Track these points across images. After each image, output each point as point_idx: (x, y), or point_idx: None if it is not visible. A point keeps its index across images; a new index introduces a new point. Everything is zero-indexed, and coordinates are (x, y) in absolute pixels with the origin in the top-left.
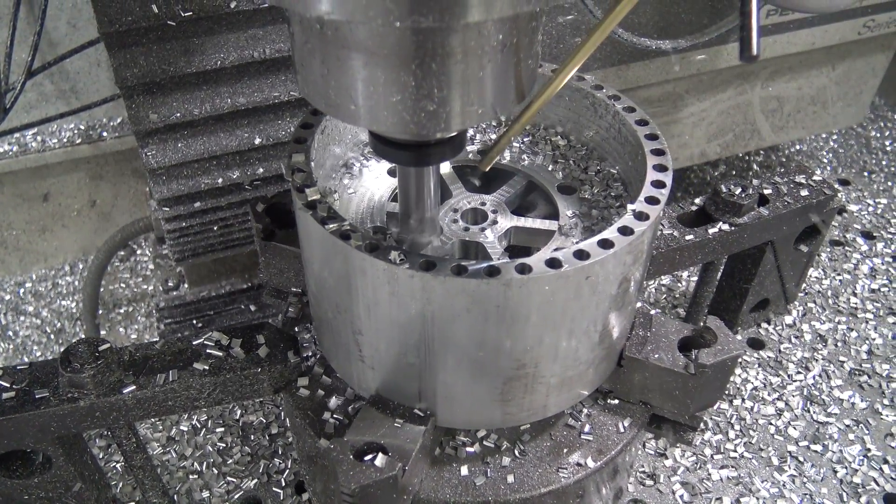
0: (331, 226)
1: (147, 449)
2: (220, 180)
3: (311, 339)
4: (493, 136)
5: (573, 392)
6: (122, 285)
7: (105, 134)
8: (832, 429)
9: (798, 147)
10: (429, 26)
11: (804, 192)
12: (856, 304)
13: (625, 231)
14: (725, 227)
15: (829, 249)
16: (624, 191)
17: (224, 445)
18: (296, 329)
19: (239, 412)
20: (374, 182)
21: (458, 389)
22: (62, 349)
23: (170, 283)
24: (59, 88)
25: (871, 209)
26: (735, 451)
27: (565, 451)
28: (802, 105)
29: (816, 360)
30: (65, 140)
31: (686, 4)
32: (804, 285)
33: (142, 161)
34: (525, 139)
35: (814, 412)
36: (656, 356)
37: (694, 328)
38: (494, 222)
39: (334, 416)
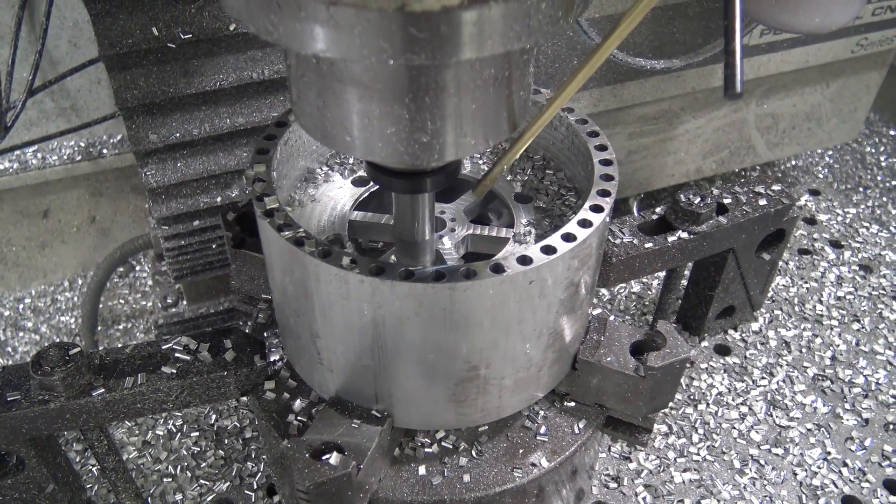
0: (286, 233)
1: (120, 452)
2: (218, 199)
3: (279, 344)
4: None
5: (527, 393)
6: (121, 301)
7: (105, 151)
8: (794, 433)
9: (794, 163)
10: (421, 63)
11: (763, 202)
12: (821, 311)
13: (568, 237)
14: (684, 235)
15: (797, 258)
16: (577, 199)
17: (198, 449)
18: (265, 334)
19: (214, 417)
20: (338, 192)
21: (413, 391)
22: None
23: (168, 300)
24: (59, 106)
25: (839, 219)
26: (698, 454)
27: (521, 451)
28: (797, 122)
29: (781, 366)
30: (65, 157)
31: (680, 24)
32: (771, 293)
33: (141, 179)
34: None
35: (776, 416)
36: (608, 359)
37: (646, 332)
38: (452, 230)
39: (298, 417)
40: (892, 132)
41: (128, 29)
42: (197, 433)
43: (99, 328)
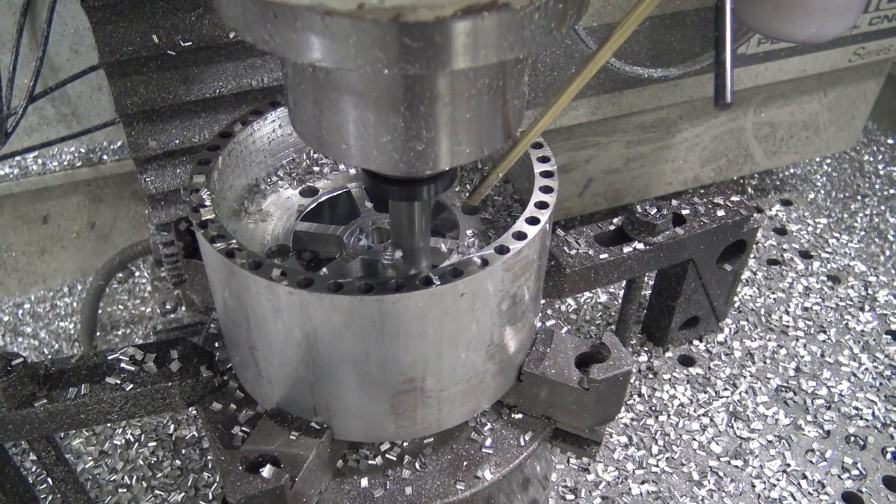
0: (218, 244)
1: (71, 462)
2: None
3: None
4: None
5: (469, 405)
6: (120, 307)
7: (105, 157)
8: (754, 444)
9: (792, 171)
10: (416, 73)
11: (721, 213)
12: (788, 322)
13: (501, 250)
14: (640, 246)
15: (765, 268)
16: (521, 209)
17: (155, 459)
18: (216, 345)
19: (172, 426)
20: (287, 202)
21: (350, 403)
22: None
23: (168, 306)
24: (60, 112)
25: (810, 229)
26: (657, 465)
27: (465, 464)
28: (795, 130)
29: (744, 377)
30: (65, 163)
31: (678, 33)
32: (738, 303)
33: (140, 186)
34: None
35: (737, 428)
36: (553, 371)
37: (592, 344)
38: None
39: (243, 429)
40: (889, 141)
41: (128, 36)
42: (155, 443)
43: (98, 334)
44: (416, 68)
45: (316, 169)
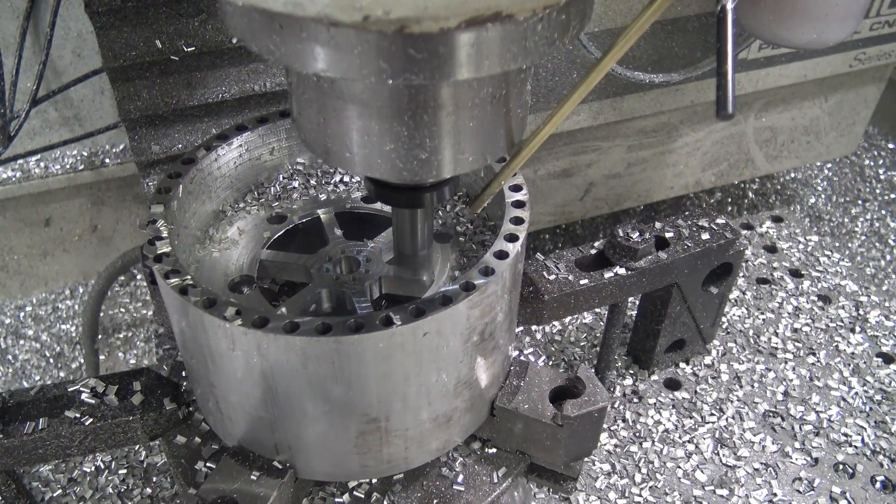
0: (172, 280)
1: (31, 494)
2: None
3: None
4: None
5: (437, 443)
6: (122, 310)
7: (107, 160)
8: (740, 472)
9: (793, 175)
10: (420, 83)
11: (705, 236)
12: (776, 343)
13: (467, 286)
14: (622, 271)
15: (754, 288)
16: (493, 238)
17: (125, 488)
18: (182, 373)
19: (144, 453)
20: (254, 229)
21: (312, 442)
22: (62, 373)
23: None
24: (62, 116)
25: (801, 247)
26: (640, 495)
27: (435, 501)
28: (796, 135)
29: (731, 402)
30: (67, 166)
31: (679, 38)
32: (726, 324)
33: (143, 190)
34: None
35: (723, 455)
36: (526, 406)
37: (567, 377)
38: (366, 271)
39: (207, 465)
40: (890, 145)
41: (131, 41)
42: (125, 470)
43: (100, 337)
44: (420, 79)
45: (285, 195)
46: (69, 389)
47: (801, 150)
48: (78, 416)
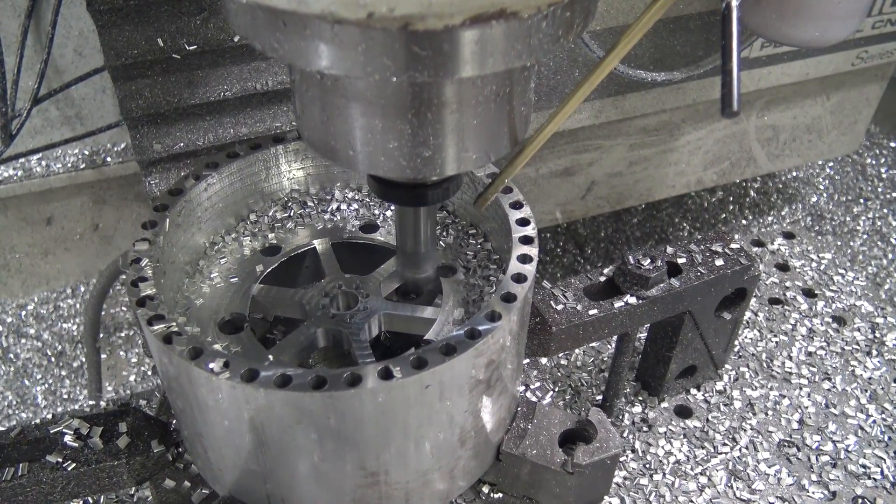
0: (156, 327)
1: None
2: None
3: None
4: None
5: (439, 494)
6: (124, 309)
7: (109, 159)
8: None
9: (795, 174)
10: (424, 80)
11: (719, 262)
12: (790, 368)
13: (472, 334)
14: (633, 300)
15: (767, 308)
16: (499, 273)
17: None
18: (172, 410)
19: (134, 487)
20: (246, 261)
21: (306, 497)
22: (63, 372)
23: None
24: (64, 114)
25: (814, 265)
26: None
27: None
28: (798, 134)
29: (745, 430)
30: (69, 165)
31: (681, 37)
32: (738, 347)
33: (144, 188)
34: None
35: (737, 488)
36: (534, 452)
37: (578, 419)
38: (364, 308)
39: None
40: (892, 144)
41: (133, 40)
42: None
43: (101, 335)
44: (424, 76)
45: (278, 225)
46: (51, 431)
47: (802, 148)
48: (60, 460)
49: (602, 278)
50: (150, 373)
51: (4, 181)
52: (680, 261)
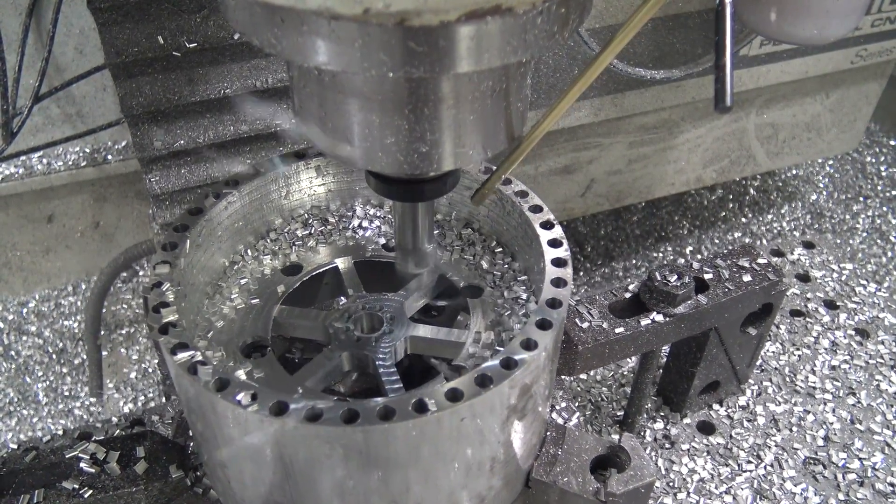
0: (180, 356)
1: None
2: None
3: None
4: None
5: None
6: (125, 306)
7: (110, 157)
8: None
9: (794, 172)
10: (420, 76)
11: (747, 278)
12: (814, 382)
13: (508, 364)
14: (659, 317)
15: (788, 320)
16: (527, 296)
17: None
18: (189, 433)
19: None
20: (266, 282)
21: None
22: (64, 369)
23: None
24: (65, 112)
25: (835, 275)
26: None
27: None
28: (797, 132)
29: (769, 447)
30: (70, 163)
31: (680, 35)
32: (760, 361)
33: (145, 186)
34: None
35: None
36: (565, 479)
37: (609, 445)
38: (390, 331)
39: None
40: (892, 142)
41: (134, 38)
42: None
43: (102, 332)
44: (420, 72)
45: (299, 243)
46: (66, 456)
47: (802, 146)
48: (76, 486)
49: (627, 294)
50: (150, 370)
51: (6, 179)
52: (707, 276)
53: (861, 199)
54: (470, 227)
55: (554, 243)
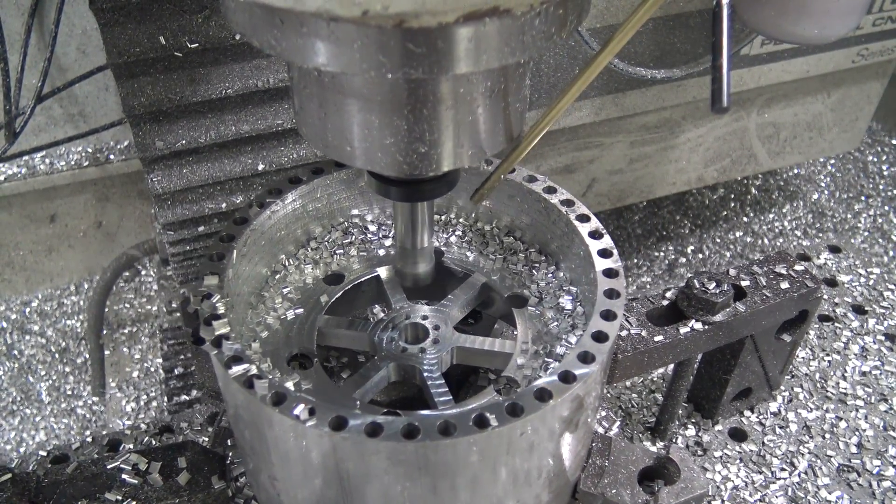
0: (236, 370)
1: None
2: (223, 205)
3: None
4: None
5: None
6: (127, 305)
7: (112, 157)
8: None
9: (796, 171)
10: (419, 77)
11: (784, 285)
12: (845, 388)
13: (567, 377)
14: (698, 325)
15: (817, 325)
16: (573, 308)
17: None
18: (228, 442)
19: None
20: (308, 291)
21: None
22: (67, 368)
23: (173, 305)
24: (67, 112)
25: (863, 280)
26: None
27: None
28: (799, 131)
29: (802, 455)
30: (72, 163)
31: (681, 34)
32: (791, 367)
33: (147, 186)
34: (474, 239)
35: None
36: (613, 491)
37: (657, 457)
38: (436, 341)
39: None
40: (893, 141)
41: (136, 38)
42: None
43: (104, 332)
44: (419, 73)
45: (340, 252)
46: (108, 467)
47: (803, 145)
48: (119, 498)
49: (664, 302)
50: (152, 369)
51: (8, 179)
52: (744, 283)
53: (863, 198)
54: (512, 236)
55: (604, 253)
